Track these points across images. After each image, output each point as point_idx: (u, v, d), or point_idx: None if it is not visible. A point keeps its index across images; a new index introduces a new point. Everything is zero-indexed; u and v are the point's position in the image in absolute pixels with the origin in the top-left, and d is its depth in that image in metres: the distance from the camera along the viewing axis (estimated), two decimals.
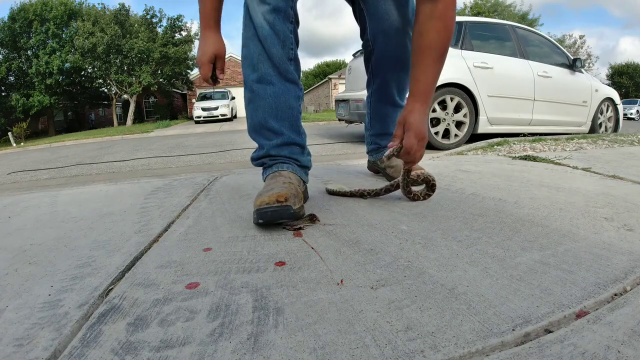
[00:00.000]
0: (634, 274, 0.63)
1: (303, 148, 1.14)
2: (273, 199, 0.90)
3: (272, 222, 0.91)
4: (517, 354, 0.46)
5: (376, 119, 1.49)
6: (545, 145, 2.58)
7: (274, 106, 1.07)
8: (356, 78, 4.83)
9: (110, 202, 1.32)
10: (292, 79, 1.08)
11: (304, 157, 1.15)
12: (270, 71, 1.05)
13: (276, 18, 1.03)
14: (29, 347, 0.51)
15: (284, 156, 1.10)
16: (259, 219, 0.90)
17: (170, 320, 0.56)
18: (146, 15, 21.48)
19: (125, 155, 5.30)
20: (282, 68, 1.05)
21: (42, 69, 20.10)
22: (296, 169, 1.10)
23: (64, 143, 10.37)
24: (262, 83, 1.06)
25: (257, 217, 0.91)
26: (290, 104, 1.08)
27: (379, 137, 1.51)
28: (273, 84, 1.06)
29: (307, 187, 1.17)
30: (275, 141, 1.09)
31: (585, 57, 30.25)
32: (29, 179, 3.72)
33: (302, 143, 1.14)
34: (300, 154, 1.13)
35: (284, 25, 1.04)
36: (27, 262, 0.81)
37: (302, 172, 1.12)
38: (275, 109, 1.07)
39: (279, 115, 1.08)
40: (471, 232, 0.86)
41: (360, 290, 0.62)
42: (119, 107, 25.49)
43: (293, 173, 1.07)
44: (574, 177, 1.42)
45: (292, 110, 1.09)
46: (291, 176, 1.05)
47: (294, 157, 1.11)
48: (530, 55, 4.61)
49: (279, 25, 1.03)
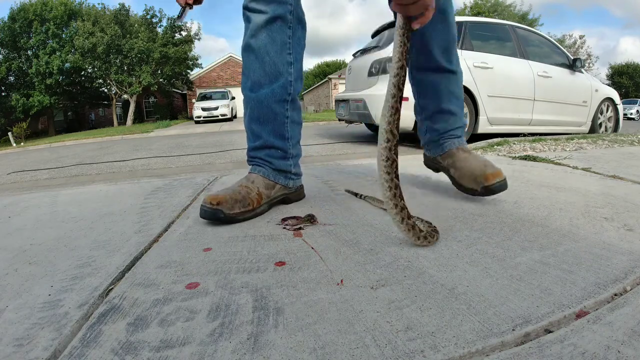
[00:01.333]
0: (634, 274, 0.63)
1: (285, 152, 1.15)
2: (208, 200, 0.99)
3: (206, 218, 1.00)
4: (517, 354, 0.46)
5: (424, 95, 1.25)
6: (545, 145, 2.58)
7: (257, 110, 1.12)
8: (356, 78, 4.83)
9: (110, 202, 1.32)
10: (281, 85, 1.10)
11: (283, 161, 1.15)
12: (260, 79, 1.10)
13: (274, 26, 1.07)
14: (29, 347, 0.51)
15: (259, 158, 1.14)
16: (200, 214, 1.00)
17: (170, 320, 0.56)
18: (146, 15, 21.48)
19: (125, 155, 5.30)
20: (273, 75, 1.09)
21: (42, 69, 20.10)
22: (268, 172, 1.13)
23: (64, 143, 10.37)
24: (252, 90, 1.12)
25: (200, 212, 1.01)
26: (273, 109, 1.11)
27: (433, 119, 1.24)
28: (260, 90, 1.10)
29: (301, 187, 1.23)
30: (253, 144, 1.15)
31: (585, 57, 30.26)
32: (29, 179, 3.72)
33: (284, 147, 1.14)
34: (278, 157, 1.14)
35: (281, 32, 1.08)
36: (27, 262, 0.81)
37: (276, 175, 1.14)
38: (257, 114, 1.12)
39: (261, 119, 1.12)
40: (471, 232, 0.86)
41: (360, 290, 0.62)
42: (119, 107, 25.49)
43: (260, 176, 1.12)
44: (574, 177, 1.42)
45: (277, 115, 1.12)
46: (255, 179, 1.10)
47: (268, 160, 1.13)
48: (530, 55, 4.61)
49: (276, 33, 1.07)
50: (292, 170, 1.17)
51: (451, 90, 1.22)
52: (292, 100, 1.14)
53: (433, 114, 1.24)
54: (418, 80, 1.24)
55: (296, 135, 1.18)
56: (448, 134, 1.23)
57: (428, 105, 1.24)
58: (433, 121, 1.24)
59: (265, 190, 1.10)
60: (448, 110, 1.22)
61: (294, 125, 1.17)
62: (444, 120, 1.22)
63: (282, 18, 1.07)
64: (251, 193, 1.05)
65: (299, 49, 1.13)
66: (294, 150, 1.18)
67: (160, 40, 20.87)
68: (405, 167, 1.76)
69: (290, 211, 1.09)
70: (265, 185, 1.11)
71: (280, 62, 1.09)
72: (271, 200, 1.12)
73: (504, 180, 1.06)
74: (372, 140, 4.97)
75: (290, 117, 1.14)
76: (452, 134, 1.23)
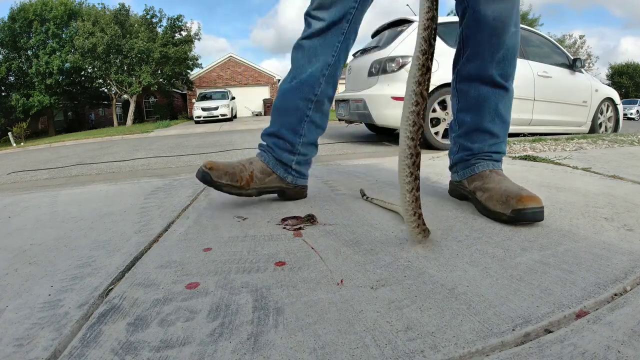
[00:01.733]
0: (634, 274, 0.63)
1: (292, 146, 1.17)
2: (205, 163, 1.08)
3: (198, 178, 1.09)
4: (517, 354, 0.46)
5: (465, 108, 1.09)
6: (545, 145, 2.58)
7: (280, 100, 1.18)
8: (356, 78, 4.83)
9: (110, 202, 1.32)
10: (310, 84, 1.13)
11: (287, 154, 1.17)
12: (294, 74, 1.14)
13: (328, 32, 1.10)
14: (29, 347, 0.51)
15: (266, 144, 1.20)
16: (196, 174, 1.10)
17: (170, 320, 0.56)
18: (146, 15, 21.47)
19: (125, 155, 5.30)
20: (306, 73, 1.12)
21: (42, 69, 20.09)
22: (269, 159, 1.17)
23: (64, 143, 10.36)
24: (284, 82, 1.18)
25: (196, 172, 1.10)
26: (296, 104, 1.14)
27: (469, 137, 1.08)
28: (290, 84, 1.15)
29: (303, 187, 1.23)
30: (267, 130, 1.20)
31: (585, 57, 30.26)
32: (29, 179, 3.72)
33: (293, 141, 1.16)
34: (283, 149, 1.16)
35: (333, 38, 1.11)
36: (27, 262, 0.81)
37: (276, 164, 1.17)
38: (279, 103, 1.18)
39: (281, 109, 1.18)
40: (471, 232, 0.86)
41: (360, 290, 0.62)
42: (119, 107, 25.47)
43: (261, 161, 1.17)
44: (574, 177, 1.42)
45: (297, 111, 1.15)
46: (254, 162, 1.16)
47: (273, 147, 1.17)
48: (530, 55, 4.60)
49: (328, 38, 1.11)
50: (294, 165, 1.17)
51: (498, 109, 1.06)
52: (317, 101, 1.14)
53: (470, 132, 1.08)
54: (461, 90, 1.10)
55: (311, 137, 1.19)
56: (484, 154, 1.07)
57: (466, 121, 1.09)
58: (469, 139, 1.08)
59: (260, 175, 1.13)
60: (489, 130, 1.06)
61: (313, 126, 1.18)
62: (482, 140, 1.06)
63: (339, 26, 1.10)
64: (244, 172, 1.10)
65: (343, 56, 1.15)
66: (304, 149, 1.18)
67: (160, 40, 20.87)
68: None
69: (290, 211, 1.09)
70: (261, 170, 1.14)
71: (319, 64, 1.11)
72: (263, 187, 1.15)
73: (542, 208, 0.87)
74: (372, 140, 4.97)
75: (310, 117, 1.16)
76: (489, 155, 1.07)
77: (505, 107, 1.08)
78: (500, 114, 1.07)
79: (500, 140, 1.09)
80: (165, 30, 21.80)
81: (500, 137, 1.09)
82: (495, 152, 1.08)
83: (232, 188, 1.08)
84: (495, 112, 1.06)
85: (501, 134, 1.08)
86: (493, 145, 1.08)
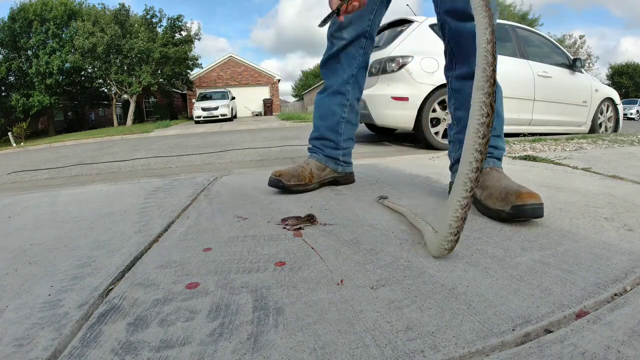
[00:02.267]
0: (634, 274, 0.63)
1: (336, 144, 1.41)
2: (273, 173, 1.31)
3: (271, 186, 1.31)
4: (517, 354, 0.46)
5: (461, 106, 1.15)
6: (545, 145, 2.58)
7: (320, 109, 1.44)
8: None
9: (110, 202, 1.32)
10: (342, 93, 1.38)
11: (334, 150, 1.41)
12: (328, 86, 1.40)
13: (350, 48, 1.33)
14: (29, 347, 0.51)
15: (315, 146, 1.45)
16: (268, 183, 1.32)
17: (170, 320, 0.56)
18: (146, 15, 21.46)
19: (125, 155, 5.30)
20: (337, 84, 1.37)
21: (42, 69, 20.08)
22: (320, 157, 1.41)
23: (64, 143, 10.36)
24: (320, 93, 1.44)
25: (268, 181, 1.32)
26: (332, 109, 1.40)
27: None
28: (325, 93, 1.41)
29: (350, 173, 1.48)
30: (313, 135, 1.45)
31: (585, 57, 30.25)
32: (29, 179, 3.72)
33: (336, 140, 1.41)
34: (330, 147, 1.42)
35: (354, 51, 1.34)
36: (27, 262, 0.81)
37: (327, 160, 1.41)
38: (319, 111, 1.44)
39: (322, 116, 1.43)
40: (471, 232, 0.86)
41: (360, 290, 0.62)
42: (119, 107, 25.45)
43: (314, 160, 1.41)
44: (574, 177, 1.42)
45: (334, 115, 1.40)
46: (310, 162, 1.40)
47: (322, 148, 1.42)
48: (531, 55, 4.60)
49: (351, 51, 1.34)
50: (341, 158, 1.42)
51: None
52: (350, 105, 1.40)
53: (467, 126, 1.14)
54: (456, 90, 1.16)
55: (349, 133, 1.44)
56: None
57: (463, 117, 1.13)
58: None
59: (317, 171, 1.37)
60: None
61: (349, 125, 1.42)
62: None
63: (358, 41, 1.34)
64: (305, 172, 1.34)
65: (364, 64, 1.38)
66: (345, 143, 1.43)
67: (160, 40, 20.85)
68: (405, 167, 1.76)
69: (290, 211, 1.09)
70: (317, 167, 1.38)
71: (345, 75, 1.36)
72: (322, 180, 1.39)
73: (541, 205, 0.88)
74: (372, 140, 4.97)
75: (346, 118, 1.41)
76: (489, 152, 1.09)
77: (498, 101, 1.16)
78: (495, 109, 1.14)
79: (496, 132, 1.12)
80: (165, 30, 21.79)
81: (498, 132, 1.13)
82: (493, 146, 1.11)
83: (299, 187, 1.31)
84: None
85: (497, 126, 1.12)
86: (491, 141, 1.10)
